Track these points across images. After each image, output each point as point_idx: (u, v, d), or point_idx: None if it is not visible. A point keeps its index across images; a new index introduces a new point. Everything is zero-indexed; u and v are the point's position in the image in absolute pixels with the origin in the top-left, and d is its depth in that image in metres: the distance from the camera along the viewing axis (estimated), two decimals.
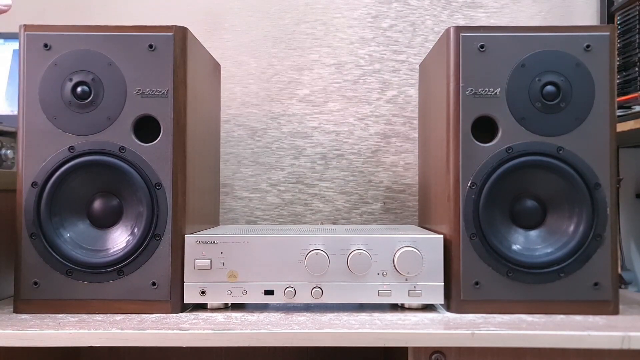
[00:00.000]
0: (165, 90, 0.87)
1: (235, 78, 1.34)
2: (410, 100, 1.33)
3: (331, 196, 1.34)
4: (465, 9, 1.34)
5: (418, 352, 0.78)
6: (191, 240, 0.88)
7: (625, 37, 1.19)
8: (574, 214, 0.87)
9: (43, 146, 0.87)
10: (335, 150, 1.34)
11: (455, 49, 0.88)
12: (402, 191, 1.33)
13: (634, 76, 1.14)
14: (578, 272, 0.86)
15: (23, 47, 0.88)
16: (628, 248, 1.28)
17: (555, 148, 0.87)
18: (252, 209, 1.34)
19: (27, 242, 0.86)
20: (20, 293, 0.87)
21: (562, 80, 0.87)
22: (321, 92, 1.34)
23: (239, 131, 1.34)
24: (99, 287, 0.86)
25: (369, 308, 0.90)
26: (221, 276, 0.87)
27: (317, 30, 1.34)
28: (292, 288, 0.87)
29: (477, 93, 0.87)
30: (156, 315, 0.86)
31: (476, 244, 0.86)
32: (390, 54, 1.34)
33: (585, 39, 0.87)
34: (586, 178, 0.86)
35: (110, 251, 0.87)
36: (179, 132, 0.88)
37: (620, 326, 0.80)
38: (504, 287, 0.86)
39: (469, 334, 0.76)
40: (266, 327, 0.79)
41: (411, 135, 1.33)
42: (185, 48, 0.88)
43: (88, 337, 0.76)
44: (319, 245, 0.87)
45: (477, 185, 0.87)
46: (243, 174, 1.34)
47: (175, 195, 0.87)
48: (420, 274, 0.87)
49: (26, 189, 0.87)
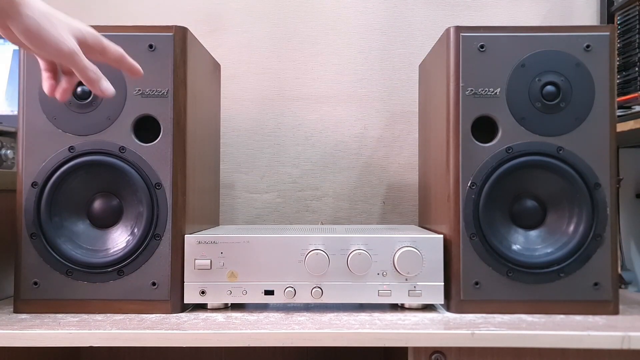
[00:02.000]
0: (165, 90, 0.87)
1: (235, 78, 1.34)
2: (410, 100, 1.33)
3: (331, 196, 1.34)
4: (465, 9, 1.34)
5: (418, 352, 0.78)
6: (191, 240, 0.88)
7: (625, 37, 1.19)
8: (573, 214, 0.87)
9: (43, 146, 0.87)
10: (335, 150, 1.34)
11: (455, 49, 0.87)
12: (402, 191, 1.33)
13: (634, 76, 1.14)
14: (578, 272, 0.86)
15: None
16: (628, 248, 1.28)
17: (555, 148, 0.87)
18: (252, 209, 1.34)
19: (27, 242, 0.86)
20: (20, 293, 0.87)
21: (562, 80, 0.87)
22: (321, 92, 1.34)
23: (239, 131, 1.34)
24: (99, 287, 0.86)
25: (369, 308, 0.90)
26: (221, 276, 0.87)
27: (317, 30, 1.34)
28: (292, 288, 0.87)
29: (477, 93, 0.87)
30: (156, 315, 0.86)
31: (476, 244, 0.86)
32: (390, 54, 1.34)
33: (585, 39, 0.87)
34: (586, 178, 0.86)
35: (110, 251, 0.87)
36: (179, 132, 0.88)
37: (620, 326, 0.80)
38: (504, 287, 0.86)
39: (469, 334, 0.76)
40: (266, 327, 0.79)
41: (411, 135, 1.33)
42: (185, 48, 0.88)
43: (88, 337, 0.76)
44: (319, 245, 0.87)
45: (477, 185, 0.87)
46: (243, 174, 1.34)
47: (175, 195, 0.87)
48: (420, 274, 0.87)
49: (26, 189, 0.87)
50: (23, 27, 0.62)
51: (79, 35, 0.67)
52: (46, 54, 0.65)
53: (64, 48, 0.64)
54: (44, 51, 0.64)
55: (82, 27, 0.68)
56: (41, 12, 0.63)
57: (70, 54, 0.65)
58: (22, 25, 0.62)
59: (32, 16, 0.62)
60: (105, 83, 0.69)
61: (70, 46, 0.64)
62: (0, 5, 0.61)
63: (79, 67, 0.66)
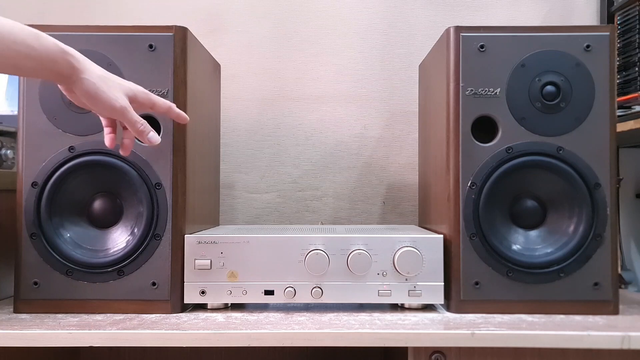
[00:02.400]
0: (165, 90, 0.87)
1: (235, 78, 1.34)
2: (410, 100, 1.33)
3: (331, 196, 1.34)
4: (465, 9, 1.34)
5: (418, 352, 0.78)
6: (191, 240, 0.88)
7: (625, 37, 1.19)
8: (573, 214, 0.87)
9: (43, 146, 0.87)
10: (335, 150, 1.34)
11: (455, 49, 0.88)
12: (402, 191, 1.33)
13: (634, 76, 1.14)
14: (578, 272, 0.86)
15: None
16: (628, 248, 1.28)
17: (555, 148, 0.87)
18: (252, 209, 1.34)
19: (27, 242, 0.86)
20: (20, 293, 0.87)
21: (562, 80, 0.87)
22: (321, 92, 1.34)
23: (239, 131, 1.34)
24: (99, 287, 0.86)
25: (369, 308, 0.90)
26: (221, 276, 0.87)
27: (317, 30, 1.34)
28: (292, 288, 0.87)
29: (477, 93, 0.87)
30: (156, 315, 0.86)
31: (476, 244, 0.86)
32: (390, 54, 1.34)
33: (585, 39, 0.87)
34: (586, 178, 0.86)
35: (110, 251, 0.87)
36: (179, 132, 0.88)
37: (620, 326, 0.80)
38: (504, 287, 0.86)
39: (469, 334, 0.76)
40: (266, 327, 0.79)
41: (411, 135, 1.33)
42: (185, 48, 0.88)
43: (88, 337, 0.76)
44: (319, 245, 0.87)
45: (477, 185, 0.87)
46: (243, 174, 1.34)
47: (175, 195, 0.87)
48: (420, 274, 0.87)
49: (26, 189, 0.87)
50: (84, 89, 0.73)
51: (130, 93, 0.77)
52: (103, 111, 0.76)
53: (116, 105, 0.74)
54: (101, 108, 0.75)
55: (133, 87, 0.78)
56: (98, 76, 0.74)
57: (121, 110, 0.75)
58: (83, 88, 0.73)
59: (90, 80, 0.73)
60: (152, 134, 0.79)
61: (121, 104, 0.75)
62: (66, 73, 0.72)
63: (129, 121, 0.76)
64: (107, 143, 0.81)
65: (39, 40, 0.69)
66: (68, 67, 0.72)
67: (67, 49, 0.72)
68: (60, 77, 0.73)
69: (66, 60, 0.71)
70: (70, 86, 0.74)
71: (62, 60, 0.71)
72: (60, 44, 0.72)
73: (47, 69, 0.71)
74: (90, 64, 0.74)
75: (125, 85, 0.77)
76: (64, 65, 0.71)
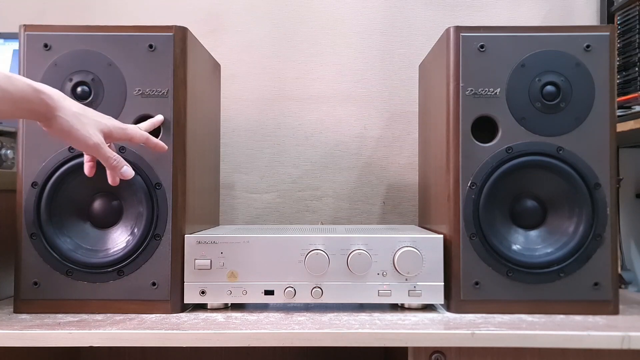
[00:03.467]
0: (165, 90, 0.87)
1: (235, 78, 1.34)
2: (410, 100, 1.33)
3: (331, 196, 1.34)
4: (465, 9, 1.34)
5: (418, 352, 0.78)
6: (191, 240, 0.88)
7: (625, 37, 1.19)
8: (573, 214, 0.87)
9: (43, 146, 0.87)
10: (335, 150, 1.34)
11: (455, 49, 0.88)
12: (402, 191, 1.33)
13: (634, 76, 1.14)
14: (578, 272, 0.86)
15: (23, 47, 0.88)
16: (628, 248, 1.28)
17: (555, 148, 0.87)
18: (252, 209, 1.34)
19: (27, 242, 0.86)
20: (20, 293, 0.87)
21: (562, 80, 0.87)
22: (321, 92, 1.34)
23: (239, 131, 1.34)
24: (99, 287, 0.86)
25: (369, 308, 0.90)
26: (221, 276, 0.87)
27: (317, 30, 1.34)
28: (292, 288, 0.87)
29: (477, 93, 0.87)
30: (156, 315, 0.86)
31: (476, 244, 0.86)
32: (390, 54, 1.34)
33: (585, 39, 0.87)
34: (586, 178, 0.86)
35: (110, 251, 0.87)
36: (179, 132, 0.88)
37: (620, 326, 0.80)
38: (504, 287, 0.86)
39: (469, 334, 0.76)
40: (266, 327, 0.79)
41: (411, 135, 1.33)
42: (185, 48, 0.88)
43: (88, 337, 0.76)
44: (319, 245, 0.87)
45: (477, 185, 0.87)
46: (243, 174, 1.34)
47: (175, 195, 0.87)
48: (420, 274, 0.87)
49: (26, 189, 0.87)
50: (58, 127, 0.75)
51: (105, 129, 0.78)
52: (77, 147, 0.78)
53: (89, 143, 0.76)
54: (75, 145, 0.77)
55: (109, 123, 0.79)
56: (73, 113, 0.75)
57: (95, 147, 0.76)
58: (57, 125, 0.74)
59: (64, 118, 0.74)
60: (125, 168, 0.80)
61: (95, 141, 0.76)
62: (42, 111, 0.73)
63: (102, 157, 0.78)
64: (86, 172, 0.83)
65: (11, 81, 0.70)
66: (42, 105, 0.73)
67: (40, 87, 0.73)
68: (36, 116, 0.74)
69: (40, 98, 0.72)
70: (46, 123, 0.75)
71: (36, 99, 0.72)
72: (32, 83, 0.72)
73: (22, 109, 0.72)
74: (64, 101, 0.75)
75: (101, 121, 0.78)
76: (39, 104, 0.72)
